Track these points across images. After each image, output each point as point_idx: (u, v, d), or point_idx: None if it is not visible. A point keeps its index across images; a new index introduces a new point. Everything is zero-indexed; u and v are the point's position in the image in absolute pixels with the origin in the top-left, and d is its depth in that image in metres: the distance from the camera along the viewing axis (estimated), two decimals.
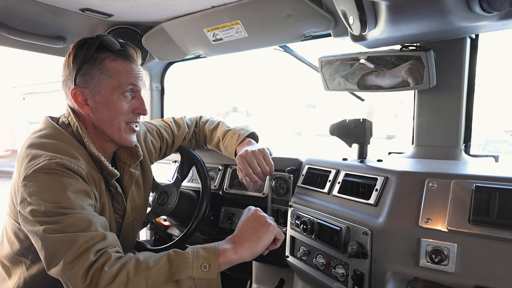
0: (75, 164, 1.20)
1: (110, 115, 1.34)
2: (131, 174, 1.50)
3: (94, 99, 1.32)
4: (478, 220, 1.00)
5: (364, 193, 1.28)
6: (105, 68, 1.31)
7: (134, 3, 1.81)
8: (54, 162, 1.16)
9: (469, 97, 1.50)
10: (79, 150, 1.28)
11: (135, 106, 1.39)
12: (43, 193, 1.12)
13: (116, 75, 1.32)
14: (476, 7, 1.02)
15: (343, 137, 1.46)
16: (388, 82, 1.47)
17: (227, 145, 1.79)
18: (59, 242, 1.08)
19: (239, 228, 1.25)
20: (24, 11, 1.81)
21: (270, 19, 1.73)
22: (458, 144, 1.49)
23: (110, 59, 1.32)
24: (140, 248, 1.81)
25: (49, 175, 1.14)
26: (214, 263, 1.11)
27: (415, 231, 1.08)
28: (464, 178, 1.08)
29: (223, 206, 2.17)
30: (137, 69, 1.39)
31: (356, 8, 1.15)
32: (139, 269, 1.07)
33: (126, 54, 1.36)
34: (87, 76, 1.31)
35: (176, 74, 2.83)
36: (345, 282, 1.27)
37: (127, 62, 1.35)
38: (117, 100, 1.33)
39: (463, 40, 1.43)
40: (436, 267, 1.04)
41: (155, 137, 1.78)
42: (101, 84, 1.31)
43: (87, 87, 1.32)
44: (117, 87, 1.33)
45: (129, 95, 1.37)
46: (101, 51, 1.32)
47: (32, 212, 1.12)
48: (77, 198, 1.15)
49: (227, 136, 1.81)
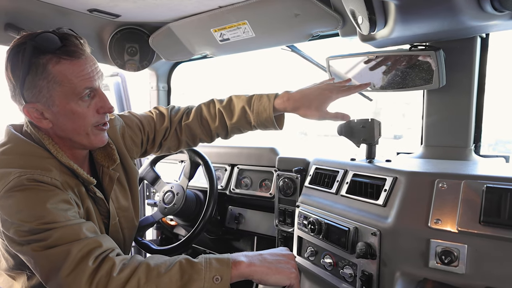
0: (47, 177, 1.11)
1: (73, 124, 1.20)
2: (110, 176, 1.39)
3: (50, 111, 1.17)
4: (489, 221, 0.98)
5: (373, 194, 1.28)
6: (51, 76, 1.12)
7: (142, 4, 1.82)
8: (25, 178, 1.07)
9: (479, 97, 1.49)
10: (49, 160, 1.18)
11: (98, 106, 1.23)
12: (22, 212, 1.05)
13: (66, 81, 1.14)
14: (488, 6, 1.01)
15: (351, 137, 1.45)
16: (397, 82, 1.46)
17: (258, 109, 1.47)
18: (52, 257, 1.03)
19: (265, 251, 1.20)
20: (32, 12, 1.82)
21: (278, 19, 1.73)
22: (468, 145, 1.48)
23: (52, 62, 1.12)
24: (145, 248, 1.82)
25: (23, 192, 1.07)
26: (226, 275, 1.07)
27: (425, 232, 1.07)
28: (475, 179, 1.07)
29: (230, 206, 2.18)
30: (89, 65, 1.18)
31: (365, 8, 1.15)
32: (150, 276, 1.04)
33: (70, 51, 1.14)
34: (34, 90, 1.13)
35: (184, 75, 2.83)
36: (353, 283, 1.27)
37: (73, 60, 1.14)
38: (75, 107, 1.17)
39: (474, 40, 1.42)
40: (446, 268, 1.03)
41: (135, 132, 1.57)
42: (52, 95, 1.14)
43: (39, 101, 1.15)
44: (71, 94, 1.15)
45: (88, 98, 1.20)
46: (39, 55, 1.11)
47: (16, 233, 1.05)
48: (58, 210, 1.08)
49: (253, 101, 1.49)
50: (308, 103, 1.41)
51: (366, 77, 1.55)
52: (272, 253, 1.20)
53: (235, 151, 2.16)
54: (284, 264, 1.16)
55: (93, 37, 2.20)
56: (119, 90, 2.77)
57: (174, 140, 1.64)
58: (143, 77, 2.78)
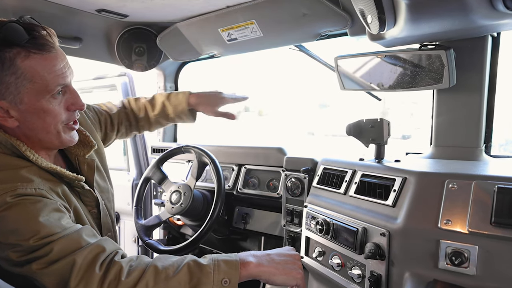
0: (31, 188, 1.04)
1: (42, 122, 1.12)
2: (88, 164, 1.33)
3: (17, 109, 1.08)
4: (500, 222, 0.97)
5: (382, 194, 1.27)
6: (20, 71, 1.03)
7: (149, 4, 1.82)
8: (7, 195, 1.00)
9: (490, 97, 1.47)
10: (27, 169, 1.10)
11: (70, 102, 1.16)
12: (15, 232, 0.98)
13: (38, 77, 1.05)
14: (500, 5, 1.00)
15: (359, 137, 1.44)
16: (406, 81, 1.45)
17: (176, 102, 1.80)
18: (58, 271, 0.99)
19: (272, 251, 1.20)
20: (40, 12, 1.83)
21: (286, 18, 1.72)
22: (479, 145, 1.46)
23: (21, 56, 1.02)
24: (153, 248, 1.82)
25: (10, 210, 0.99)
26: (235, 277, 1.07)
27: (435, 233, 1.06)
28: (486, 179, 1.06)
29: (237, 206, 2.17)
30: (60, 59, 1.10)
31: (375, 7, 1.14)
32: (158, 279, 1.02)
33: (39, 44, 1.05)
34: (1, 86, 1.03)
35: (189, 75, 2.84)
36: (361, 284, 1.26)
37: (44, 54, 1.05)
38: (46, 104, 1.09)
39: (485, 39, 1.40)
40: (456, 269, 1.02)
41: (92, 111, 1.62)
42: (21, 91, 1.05)
43: (5, 98, 1.05)
44: (42, 91, 1.07)
45: (59, 95, 1.13)
46: (5, 49, 1.01)
47: (13, 255, 0.99)
48: (52, 221, 1.02)
49: (170, 96, 1.82)
50: (207, 102, 1.80)
51: (375, 77, 1.54)
52: (279, 253, 1.20)
53: (242, 151, 2.15)
54: (291, 264, 1.17)
55: (101, 37, 2.22)
56: (126, 90, 2.78)
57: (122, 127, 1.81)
58: (150, 77, 2.79)
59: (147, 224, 1.92)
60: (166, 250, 1.76)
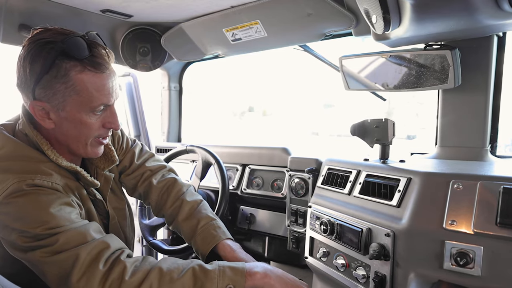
0: (48, 181, 1.09)
1: (76, 132, 1.17)
2: (106, 177, 1.36)
3: (57, 114, 1.13)
4: (506, 222, 0.97)
5: (386, 194, 1.26)
6: (71, 82, 1.08)
7: (154, 4, 1.83)
8: (24, 183, 1.04)
9: (495, 97, 1.46)
10: (48, 164, 1.14)
11: (107, 121, 1.20)
12: (25, 219, 1.02)
13: (86, 92, 1.10)
14: (505, 5, 1.00)
15: (364, 137, 1.44)
16: (411, 81, 1.45)
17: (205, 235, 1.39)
18: (61, 263, 1.00)
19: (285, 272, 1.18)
20: (46, 13, 1.84)
21: (290, 18, 1.72)
22: (484, 145, 1.46)
23: (76, 70, 1.08)
24: (157, 248, 1.82)
25: (24, 197, 1.03)
26: (240, 285, 1.06)
27: (439, 233, 1.06)
28: (491, 180, 1.05)
29: (241, 206, 2.18)
30: (110, 80, 1.15)
31: (380, 7, 1.13)
32: (163, 281, 1.03)
33: (96, 63, 1.11)
34: (49, 91, 1.09)
35: (192, 75, 2.84)
36: (366, 284, 1.26)
37: (97, 73, 1.11)
38: (85, 118, 1.15)
39: (490, 38, 1.40)
40: (461, 270, 1.01)
41: (126, 144, 1.55)
42: (66, 100, 1.10)
43: (49, 102, 1.11)
44: (86, 105, 1.12)
45: (100, 113, 1.18)
46: (64, 59, 1.07)
47: (19, 240, 1.02)
48: (62, 213, 1.05)
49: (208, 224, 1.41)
50: None
51: (380, 77, 1.54)
52: (290, 277, 1.18)
53: (246, 151, 2.15)
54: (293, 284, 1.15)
55: (106, 37, 2.23)
56: (130, 90, 2.79)
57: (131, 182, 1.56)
58: (154, 77, 2.80)
59: (151, 224, 1.92)
60: (170, 250, 1.77)
